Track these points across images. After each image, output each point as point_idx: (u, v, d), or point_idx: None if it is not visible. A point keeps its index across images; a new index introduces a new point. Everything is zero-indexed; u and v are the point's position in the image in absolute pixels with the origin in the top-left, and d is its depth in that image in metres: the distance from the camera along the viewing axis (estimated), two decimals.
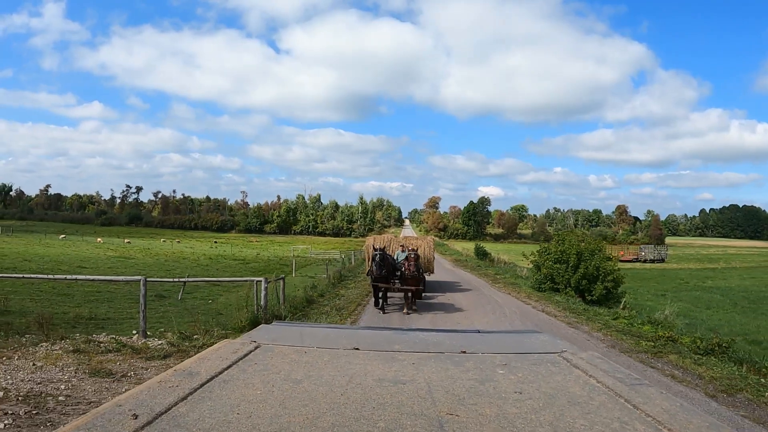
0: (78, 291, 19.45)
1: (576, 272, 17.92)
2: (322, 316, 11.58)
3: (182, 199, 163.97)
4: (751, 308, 23.66)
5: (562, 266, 18.41)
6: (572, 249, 18.47)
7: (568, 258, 18.30)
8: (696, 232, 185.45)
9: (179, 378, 1.43)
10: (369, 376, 1.54)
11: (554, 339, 2.25)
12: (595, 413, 1.29)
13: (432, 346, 1.99)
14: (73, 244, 58.76)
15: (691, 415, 1.29)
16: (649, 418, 1.26)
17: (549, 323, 11.98)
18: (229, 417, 1.20)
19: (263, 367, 1.60)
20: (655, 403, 1.36)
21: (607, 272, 17.98)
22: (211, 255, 49.13)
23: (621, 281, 18.63)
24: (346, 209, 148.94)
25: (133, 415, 1.17)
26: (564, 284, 18.14)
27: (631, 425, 1.22)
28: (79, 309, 14.58)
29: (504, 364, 1.72)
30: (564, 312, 13.86)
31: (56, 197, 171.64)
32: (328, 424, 1.18)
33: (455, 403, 1.34)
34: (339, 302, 14.22)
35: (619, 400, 1.39)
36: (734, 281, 39.81)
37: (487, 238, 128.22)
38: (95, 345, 9.02)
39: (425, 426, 1.19)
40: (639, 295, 26.41)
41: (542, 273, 19.31)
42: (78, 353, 8.50)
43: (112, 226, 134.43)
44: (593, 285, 17.70)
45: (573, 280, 17.87)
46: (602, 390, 1.47)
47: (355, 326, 3.41)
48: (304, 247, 64.87)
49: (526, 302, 16.23)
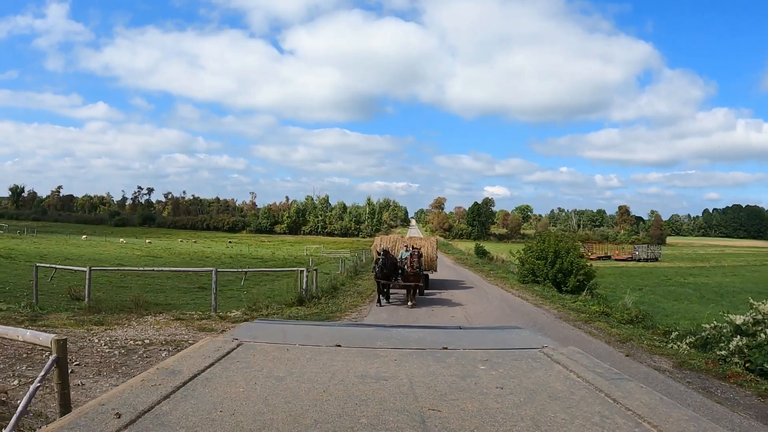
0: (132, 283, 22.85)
1: (553, 267, 21.31)
2: (348, 297, 15.19)
3: (192, 200, 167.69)
4: (713, 300, 26.70)
5: (542, 262, 21.82)
6: (550, 248, 21.88)
7: (547, 255, 21.70)
8: (699, 232, 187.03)
9: (162, 376, 1.45)
10: (351, 373, 1.57)
11: (535, 335, 2.31)
12: (575, 407, 1.32)
13: (414, 342, 2.04)
14: (98, 244, 61.44)
15: (670, 408, 1.32)
16: (629, 411, 1.29)
17: (521, 304, 15.56)
18: (212, 415, 1.21)
19: (246, 364, 1.62)
20: (635, 397, 1.39)
21: (579, 267, 21.37)
22: (230, 254, 52.47)
23: (592, 275, 21.97)
24: (353, 210, 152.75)
25: (116, 414, 1.18)
26: (543, 277, 21.53)
27: (612, 419, 1.24)
28: (143, 297, 18.07)
29: (485, 360, 1.75)
30: (535, 297, 17.40)
31: (68, 198, 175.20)
32: (311, 420, 1.20)
33: (437, 399, 1.36)
34: (358, 289, 17.75)
35: (600, 394, 1.42)
36: (715, 278, 42.68)
37: (491, 238, 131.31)
38: (189, 316, 12.62)
39: (407, 421, 1.21)
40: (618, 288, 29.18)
41: (525, 268, 22.79)
42: (180, 320, 12.08)
43: (125, 226, 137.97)
44: (567, 278, 21.06)
45: (550, 274, 21.26)
46: (582, 385, 1.51)
47: (337, 323, 3.21)
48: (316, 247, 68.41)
49: (509, 291, 19.81)
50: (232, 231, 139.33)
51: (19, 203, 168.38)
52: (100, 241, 72.34)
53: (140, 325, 11.44)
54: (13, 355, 7.35)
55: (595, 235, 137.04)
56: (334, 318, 11.90)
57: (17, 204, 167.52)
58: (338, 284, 18.12)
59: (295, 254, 56.52)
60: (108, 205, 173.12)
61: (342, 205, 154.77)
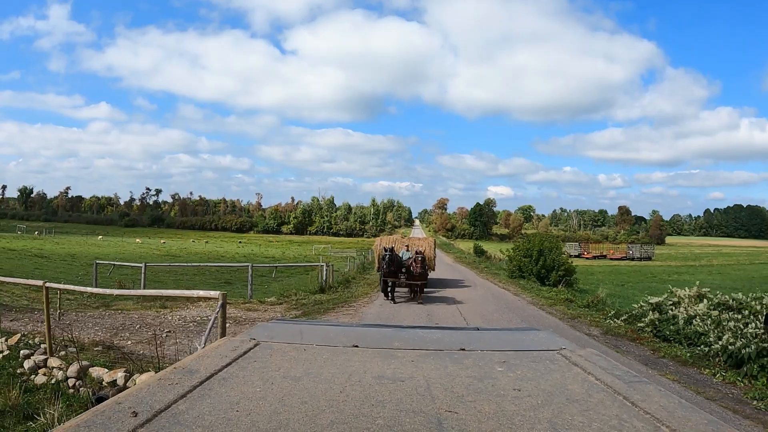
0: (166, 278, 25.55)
1: (537, 264, 24.23)
2: (359, 287, 18.20)
3: (199, 201, 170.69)
4: None
5: (528, 259, 24.75)
6: (535, 246, 24.81)
7: (532, 253, 24.63)
8: (700, 231, 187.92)
9: (179, 376, 1.47)
10: (368, 374, 1.57)
11: (553, 336, 2.30)
12: (593, 410, 1.31)
13: (431, 343, 2.05)
14: (117, 244, 63.78)
15: (689, 412, 1.31)
16: (647, 415, 1.28)
17: (503, 293, 18.62)
18: (228, 414, 1.22)
19: (262, 364, 1.63)
20: (653, 400, 1.38)
21: (560, 264, 24.27)
22: (243, 253, 55.41)
23: (572, 271, 24.81)
24: (358, 210, 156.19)
25: (132, 413, 1.19)
26: (528, 272, 24.47)
27: (630, 422, 1.24)
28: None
29: (503, 362, 1.75)
30: (517, 288, 20.41)
31: (77, 199, 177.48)
32: (328, 421, 1.20)
33: (454, 401, 1.36)
34: (367, 281, 20.74)
35: (618, 397, 1.41)
36: (699, 276, 44.63)
37: (493, 238, 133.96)
38: (234, 301, 15.64)
39: (424, 423, 1.20)
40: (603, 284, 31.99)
41: (513, 264, 25.76)
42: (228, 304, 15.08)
43: (135, 227, 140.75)
44: (550, 273, 23.95)
45: (535, 270, 24.16)
46: (601, 387, 1.50)
47: (354, 324, 3.39)
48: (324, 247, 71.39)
49: (496, 284, 22.84)
50: (240, 231, 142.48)
51: (28, 204, 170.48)
52: (116, 241, 74.58)
53: (197, 308, 14.38)
54: (149, 324, 10.42)
55: (595, 235, 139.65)
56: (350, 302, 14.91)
57: (26, 205, 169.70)
58: (350, 277, 21.16)
59: (304, 254, 59.11)
60: (115, 206, 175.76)
61: (347, 206, 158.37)
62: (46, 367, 8.17)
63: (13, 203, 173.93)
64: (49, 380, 7.76)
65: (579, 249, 76.53)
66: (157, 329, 10.87)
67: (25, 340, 9.52)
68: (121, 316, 12.66)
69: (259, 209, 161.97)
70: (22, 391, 6.81)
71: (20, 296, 15.00)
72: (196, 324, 11.72)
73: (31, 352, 8.76)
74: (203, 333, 10.58)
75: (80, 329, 10.47)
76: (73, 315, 12.18)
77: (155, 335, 9.53)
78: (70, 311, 12.63)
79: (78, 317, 12.04)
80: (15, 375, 7.87)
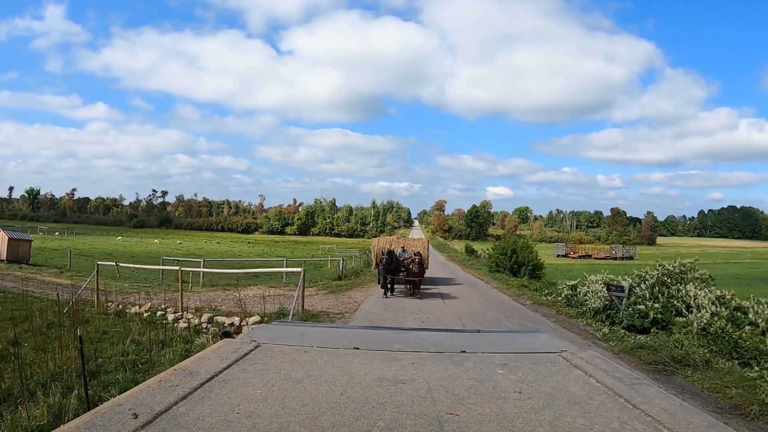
0: None
1: (511, 260, 29.64)
2: (366, 277, 23.62)
3: (202, 202, 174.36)
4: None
5: (503, 257, 30.16)
6: (509, 246, 30.22)
7: (507, 251, 30.05)
8: (694, 232, 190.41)
9: (179, 377, 1.47)
10: (369, 376, 1.57)
11: (554, 339, 2.31)
12: (594, 413, 1.32)
13: (431, 345, 2.05)
14: (137, 245, 67.84)
15: (690, 414, 1.32)
16: (648, 417, 1.29)
17: (477, 282, 24.22)
18: (229, 416, 1.23)
19: (263, 366, 1.63)
20: (654, 402, 1.39)
21: (530, 260, 29.66)
22: (256, 253, 60.38)
23: (541, 266, 30.14)
24: (359, 212, 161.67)
25: (133, 415, 1.19)
26: (503, 267, 29.87)
27: (631, 425, 1.25)
28: (240, 276, 26.57)
29: (504, 364, 1.75)
30: (489, 278, 25.88)
31: (85, 200, 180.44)
32: (328, 423, 1.21)
33: (455, 403, 1.36)
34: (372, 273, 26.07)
35: (619, 399, 1.42)
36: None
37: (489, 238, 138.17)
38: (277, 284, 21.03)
39: (425, 425, 1.21)
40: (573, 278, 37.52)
41: (492, 260, 31.23)
42: (273, 287, 20.48)
43: (144, 228, 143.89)
44: (521, 268, 29.36)
45: (508, 265, 29.55)
46: (602, 389, 1.51)
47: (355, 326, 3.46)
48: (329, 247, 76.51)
49: (476, 276, 28.36)
50: (246, 232, 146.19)
51: (35, 205, 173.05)
52: (135, 241, 77.95)
53: (251, 290, 19.65)
54: (224, 299, 15.86)
55: (588, 236, 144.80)
56: (361, 285, 20.32)
57: (33, 206, 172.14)
58: (358, 270, 26.62)
59: (310, 254, 62.91)
60: (120, 207, 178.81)
61: (348, 208, 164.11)
62: (183, 319, 13.57)
63: (18, 204, 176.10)
64: (189, 325, 13.15)
65: (565, 249, 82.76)
66: (234, 301, 16.24)
67: (153, 309, 14.88)
68: (200, 295, 17.94)
69: (261, 210, 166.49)
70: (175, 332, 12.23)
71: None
72: (257, 300, 17.09)
73: (164, 313, 14.18)
74: (271, 302, 15.80)
75: (186, 301, 15.85)
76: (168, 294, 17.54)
77: (240, 299, 14.95)
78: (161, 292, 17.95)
79: (174, 296, 17.41)
80: (167, 323, 13.28)
